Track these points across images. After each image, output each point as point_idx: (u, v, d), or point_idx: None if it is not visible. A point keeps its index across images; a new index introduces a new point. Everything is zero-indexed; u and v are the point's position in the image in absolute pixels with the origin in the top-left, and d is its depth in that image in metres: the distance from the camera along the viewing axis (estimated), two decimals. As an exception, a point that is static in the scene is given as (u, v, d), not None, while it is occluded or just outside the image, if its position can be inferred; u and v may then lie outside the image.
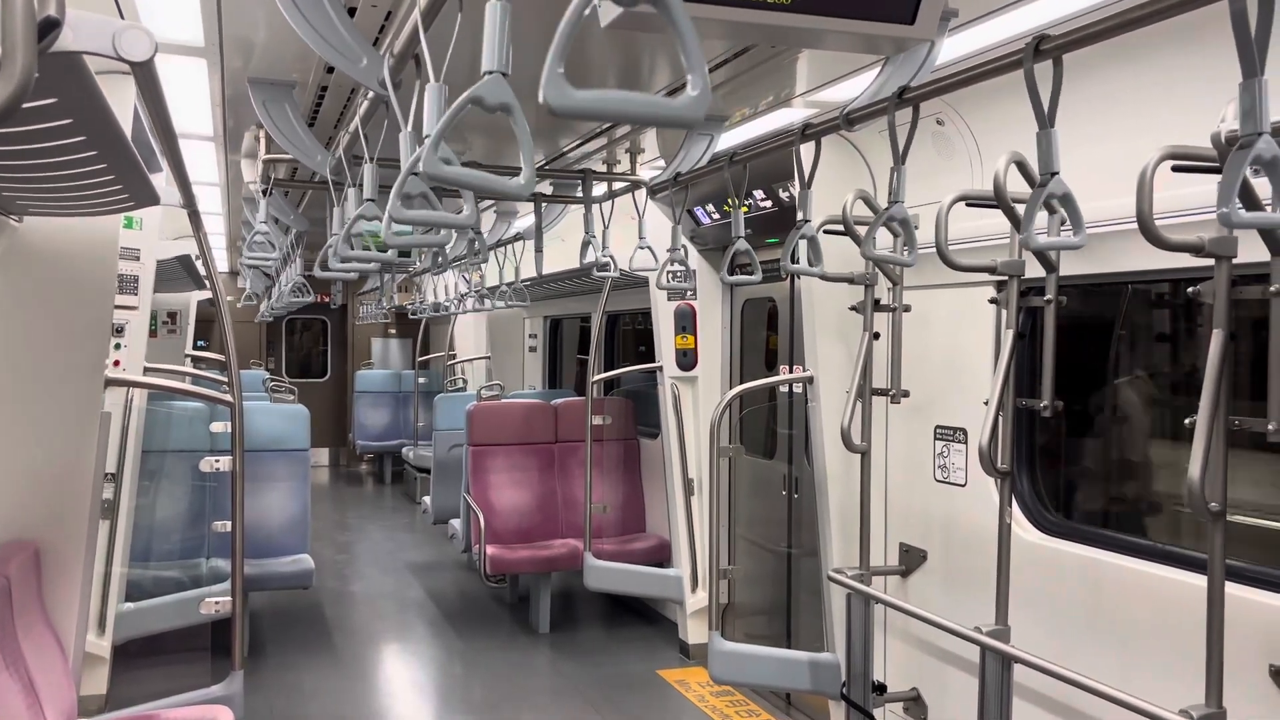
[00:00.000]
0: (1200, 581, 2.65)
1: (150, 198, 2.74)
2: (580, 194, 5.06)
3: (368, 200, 2.83)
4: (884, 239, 3.41)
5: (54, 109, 1.72)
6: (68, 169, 2.22)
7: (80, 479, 3.58)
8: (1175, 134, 2.45)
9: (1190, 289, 2.53)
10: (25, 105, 1.12)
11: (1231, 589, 2.58)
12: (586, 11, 1.15)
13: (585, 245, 4.81)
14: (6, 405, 3.38)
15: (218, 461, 4.39)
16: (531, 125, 1.48)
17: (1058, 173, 2.45)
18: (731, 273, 4.26)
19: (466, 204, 1.97)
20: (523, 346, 10.64)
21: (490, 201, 6.19)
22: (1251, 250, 2.47)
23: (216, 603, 4.39)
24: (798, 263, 3.63)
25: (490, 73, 1.42)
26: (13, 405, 3.40)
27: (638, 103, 1.26)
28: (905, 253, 3.12)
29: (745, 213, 4.16)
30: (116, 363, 5.01)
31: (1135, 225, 2.27)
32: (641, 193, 5.12)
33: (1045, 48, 2.47)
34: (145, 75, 1.84)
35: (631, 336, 8.95)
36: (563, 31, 1.15)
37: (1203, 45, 2.76)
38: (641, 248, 4.86)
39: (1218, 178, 2.43)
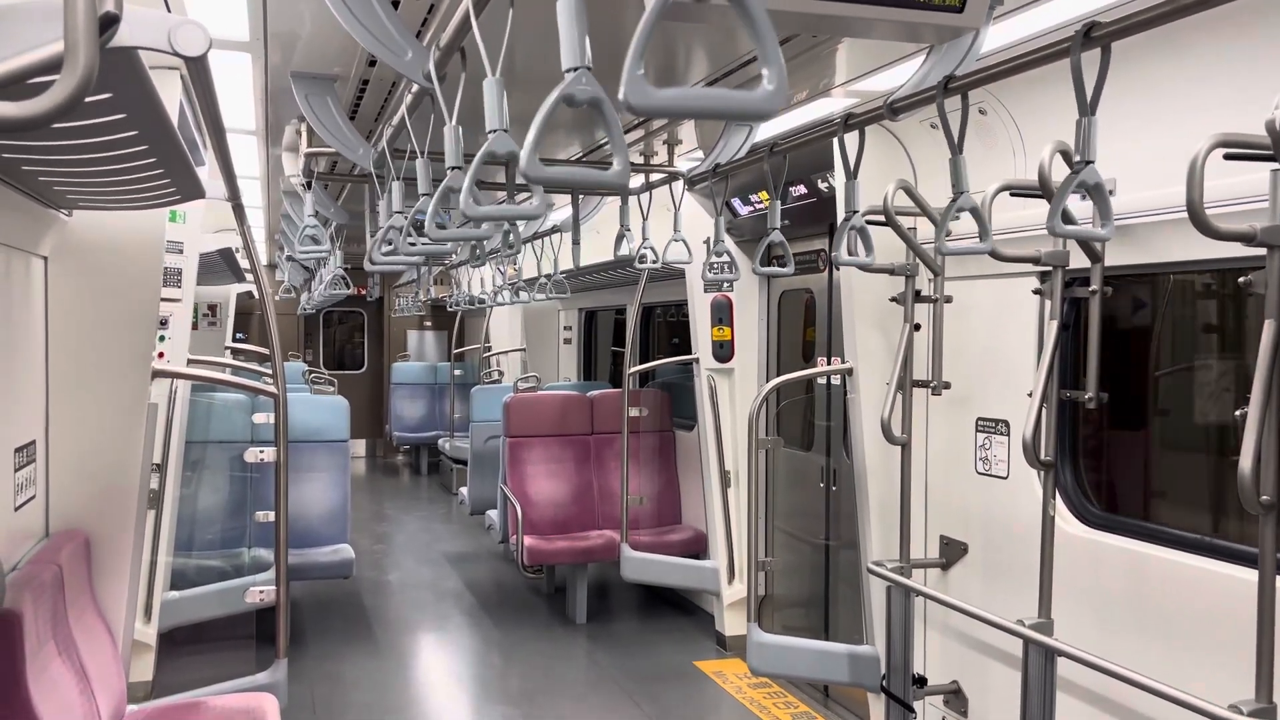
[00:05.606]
0: (1249, 575, 2.62)
1: (196, 191, 2.78)
2: (617, 185, 5.05)
3: (424, 195, 2.85)
4: (927, 230, 3.37)
5: (109, 104, 1.75)
6: (119, 163, 2.25)
7: (129, 469, 3.64)
8: (1220, 121, 2.41)
9: (1241, 279, 2.49)
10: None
11: (1283, 583, 2.55)
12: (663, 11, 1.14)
13: (620, 238, 4.80)
14: (59, 397, 3.45)
15: (263, 453, 4.44)
16: (568, 119, 1.49)
17: (1092, 161, 2.42)
18: (766, 264, 4.23)
19: (536, 196, 1.98)
20: (557, 339, 10.67)
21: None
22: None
23: (261, 591, 4.45)
24: (846, 254, 3.57)
25: (575, 69, 1.42)
26: (64, 397, 3.46)
27: (717, 99, 1.26)
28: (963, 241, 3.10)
29: (782, 204, 4.13)
30: (161, 355, 5.08)
31: (1183, 214, 2.25)
32: (678, 184, 5.11)
33: (1095, 35, 2.44)
34: (198, 70, 1.87)
35: (665, 328, 8.95)
36: (641, 32, 1.14)
37: (1244, 31, 2.71)
38: (676, 240, 4.84)
39: (1268, 166, 2.40)
